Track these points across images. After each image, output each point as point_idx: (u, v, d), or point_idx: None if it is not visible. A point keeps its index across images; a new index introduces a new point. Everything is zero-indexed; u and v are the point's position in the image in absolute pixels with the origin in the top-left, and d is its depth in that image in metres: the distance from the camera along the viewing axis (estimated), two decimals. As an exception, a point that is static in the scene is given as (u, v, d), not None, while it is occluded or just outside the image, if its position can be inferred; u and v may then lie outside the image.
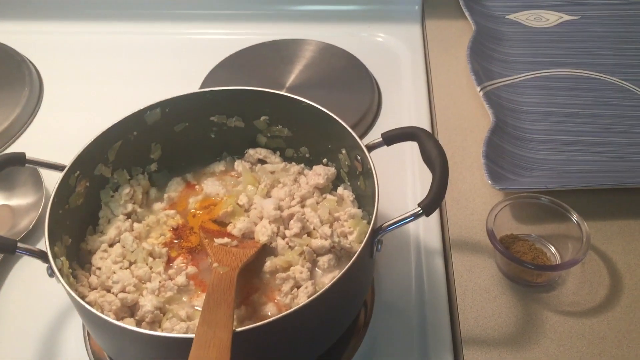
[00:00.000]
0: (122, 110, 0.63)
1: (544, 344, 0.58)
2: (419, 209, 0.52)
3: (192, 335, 0.45)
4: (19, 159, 0.57)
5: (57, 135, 0.85)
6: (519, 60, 0.90)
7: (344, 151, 0.64)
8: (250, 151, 0.70)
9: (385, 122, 0.86)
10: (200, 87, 0.90)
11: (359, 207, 0.64)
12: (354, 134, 0.61)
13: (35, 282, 0.66)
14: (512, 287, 0.62)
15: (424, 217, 0.53)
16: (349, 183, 0.66)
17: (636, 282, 0.62)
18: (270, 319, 0.47)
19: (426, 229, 0.71)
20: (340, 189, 0.66)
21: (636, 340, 0.57)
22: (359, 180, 0.63)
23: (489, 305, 0.61)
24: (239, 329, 0.46)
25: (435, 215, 0.71)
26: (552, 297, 0.61)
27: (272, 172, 0.68)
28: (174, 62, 0.99)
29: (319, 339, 0.56)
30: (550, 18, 0.98)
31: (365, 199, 0.63)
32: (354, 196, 0.65)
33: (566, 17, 0.98)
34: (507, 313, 0.60)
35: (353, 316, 0.60)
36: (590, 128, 0.78)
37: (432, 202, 0.53)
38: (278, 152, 0.70)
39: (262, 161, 0.70)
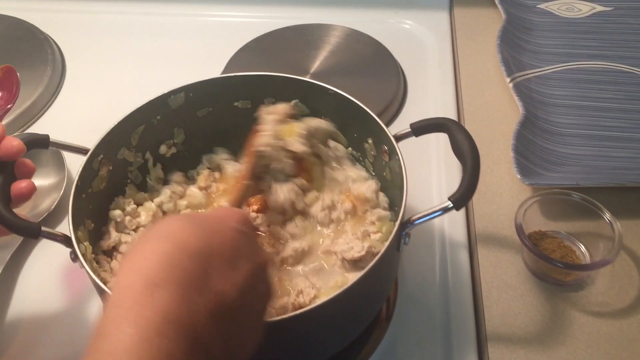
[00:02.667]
0: (144, 93, 0.62)
1: (571, 344, 0.56)
2: (449, 202, 0.51)
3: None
4: (43, 142, 0.56)
5: (79, 116, 0.85)
6: (550, 52, 0.87)
7: (370, 141, 0.63)
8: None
9: (411, 112, 0.85)
10: (223, 71, 0.89)
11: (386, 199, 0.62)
12: (382, 124, 0.59)
13: (58, 264, 0.66)
14: (539, 285, 0.61)
15: (451, 212, 0.52)
16: (374, 174, 0.65)
17: (668, 283, 0.60)
18: (295, 313, 0.46)
19: (452, 223, 0.69)
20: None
21: (667, 344, 0.56)
22: (385, 171, 0.62)
23: (515, 302, 0.60)
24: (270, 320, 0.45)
25: (461, 210, 0.70)
26: (581, 297, 0.60)
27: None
28: (197, 45, 0.97)
29: (342, 333, 0.55)
30: (583, 8, 0.95)
31: (390, 190, 0.62)
32: (387, 200, 0.63)
33: (599, 8, 0.95)
34: (533, 311, 0.59)
35: (377, 310, 0.59)
36: (622, 123, 0.76)
37: (463, 197, 0.51)
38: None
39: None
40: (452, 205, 0.51)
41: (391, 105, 0.83)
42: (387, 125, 0.81)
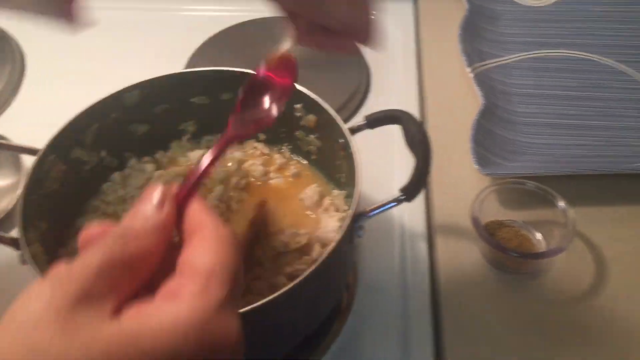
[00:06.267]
0: (106, 90, 0.62)
1: (527, 332, 0.57)
2: (401, 194, 0.51)
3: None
4: (-13, 144, 0.55)
5: (39, 114, 0.83)
6: (512, 41, 0.88)
7: (327, 134, 0.63)
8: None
9: (375, 103, 0.85)
10: (186, 66, 0.89)
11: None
12: (334, 115, 0.59)
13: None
14: (496, 274, 0.62)
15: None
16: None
17: (622, 270, 0.61)
18: (244, 309, 0.46)
19: (411, 213, 0.70)
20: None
21: (620, 329, 0.57)
22: (343, 165, 0.62)
23: (472, 291, 0.60)
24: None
25: (421, 199, 0.70)
26: (537, 285, 0.60)
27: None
28: (159, 39, 0.96)
29: (297, 326, 0.55)
30: (546, -4, 0.96)
31: (349, 186, 0.62)
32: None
33: (562, -4, 0.95)
34: (490, 300, 0.60)
35: (333, 303, 0.59)
36: (581, 111, 0.77)
37: (414, 188, 0.52)
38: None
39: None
40: (403, 196, 0.51)
41: (354, 97, 0.83)
42: (351, 116, 0.82)
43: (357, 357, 0.59)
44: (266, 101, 0.43)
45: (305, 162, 0.68)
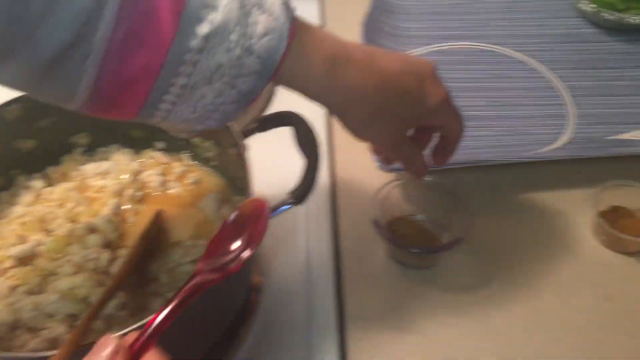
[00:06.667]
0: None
1: (428, 326, 0.57)
2: (290, 198, 0.50)
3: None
4: None
5: None
6: (414, 35, 0.88)
7: (220, 139, 0.61)
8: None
9: (281, 105, 0.83)
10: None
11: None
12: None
13: None
14: (400, 270, 0.61)
15: (315, 201, 0.51)
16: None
17: (520, 257, 0.62)
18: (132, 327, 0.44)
19: (318, 213, 0.69)
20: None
21: (518, 314, 0.58)
22: (241, 170, 0.60)
23: (374, 289, 0.60)
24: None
25: (325, 198, 0.70)
26: (439, 277, 0.61)
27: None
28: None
29: (197, 337, 0.53)
30: (446, -10, 0.97)
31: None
32: None
33: (462, -12, 0.97)
34: (394, 296, 0.59)
35: (235, 309, 0.57)
36: (480, 102, 0.78)
37: (304, 191, 0.51)
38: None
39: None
40: (292, 200, 0.50)
41: (259, 99, 0.82)
42: (256, 119, 0.80)
43: (266, 356, 0.58)
44: (235, 246, 0.43)
45: (205, 168, 0.67)
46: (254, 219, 0.43)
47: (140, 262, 0.56)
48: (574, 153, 0.68)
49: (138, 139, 0.67)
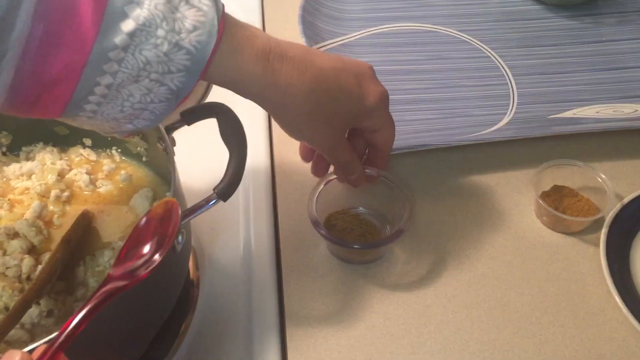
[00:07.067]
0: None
1: (370, 319, 0.56)
2: (214, 194, 0.48)
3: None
4: None
5: None
6: (355, 17, 0.86)
7: (147, 134, 0.58)
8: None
9: (219, 95, 0.80)
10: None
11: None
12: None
13: None
14: (341, 265, 0.60)
15: (253, 192, 0.49)
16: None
17: (462, 244, 0.61)
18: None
19: (257, 206, 0.66)
20: None
21: (460, 305, 0.56)
22: (169, 165, 0.58)
23: (315, 284, 0.58)
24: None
25: (265, 190, 0.67)
26: (381, 271, 0.59)
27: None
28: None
29: (132, 337, 0.52)
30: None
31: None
32: None
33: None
34: (334, 292, 0.58)
35: (169, 307, 0.55)
36: (424, 84, 0.76)
37: (228, 186, 0.48)
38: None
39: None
40: (216, 197, 0.48)
41: (195, 91, 0.79)
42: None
43: (206, 354, 0.56)
44: (147, 249, 0.42)
45: (137, 164, 0.64)
46: (165, 221, 0.41)
47: (67, 266, 0.53)
48: (516, 134, 0.67)
49: (64, 136, 0.64)
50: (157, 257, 0.40)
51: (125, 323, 0.49)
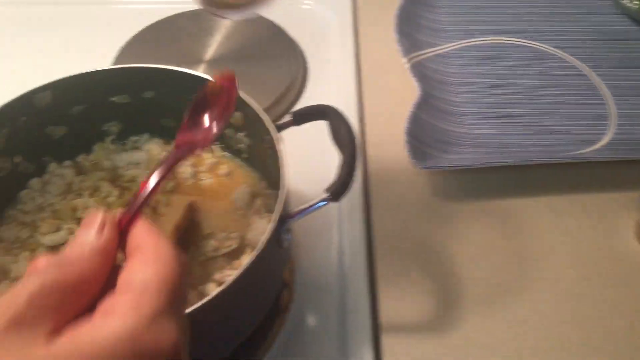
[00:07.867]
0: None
1: (465, 330, 0.56)
2: (327, 194, 0.49)
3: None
4: None
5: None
6: (450, 29, 0.86)
7: (253, 131, 0.60)
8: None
9: (312, 97, 0.82)
10: (115, 63, 0.84)
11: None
12: (259, 111, 0.56)
13: None
14: (434, 273, 0.60)
15: (347, 196, 0.50)
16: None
17: (556, 262, 0.60)
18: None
19: (350, 210, 0.67)
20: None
21: (555, 321, 0.56)
22: (273, 163, 0.59)
23: (409, 290, 0.59)
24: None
25: (358, 194, 0.68)
26: (475, 284, 0.59)
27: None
28: (85, 36, 0.92)
29: (229, 332, 0.53)
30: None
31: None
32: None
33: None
34: (428, 300, 0.58)
35: (267, 305, 0.56)
36: (518, 99, 0.76)
37: (340, 187, 0.49)
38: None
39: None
40: (329, 196, 0.49)
41: (290, 91, 0.81)
42: (287, 110, 0.79)
43: (298, 356, 0.57)
44: (206, 120, 0.45)
45: (237, 160, 0.65)
46: (222, 93, 0.45)
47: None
48: (616, 155, 0.66)
49: (168, 129, 0.66)
50: (216, 128, 0.45)
51: (228, 317, 0.50)
